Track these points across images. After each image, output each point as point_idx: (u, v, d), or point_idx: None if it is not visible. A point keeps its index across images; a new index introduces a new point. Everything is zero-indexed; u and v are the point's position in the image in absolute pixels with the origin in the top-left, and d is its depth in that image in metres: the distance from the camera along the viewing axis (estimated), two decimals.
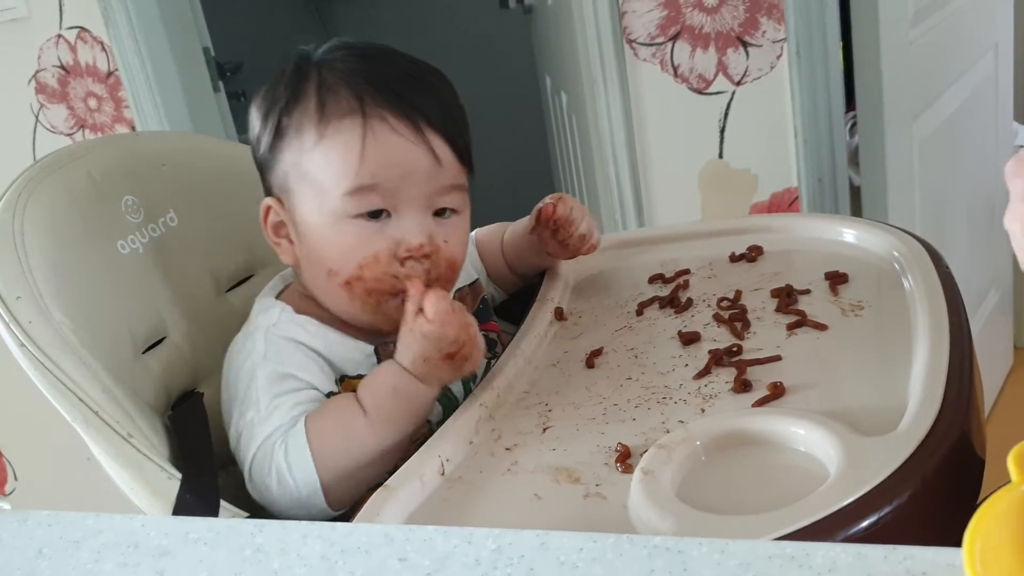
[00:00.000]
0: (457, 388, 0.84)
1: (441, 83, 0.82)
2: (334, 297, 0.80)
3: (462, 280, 0.93)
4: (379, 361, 0.81)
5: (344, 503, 0.74)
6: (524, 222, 0.98)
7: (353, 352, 0.81)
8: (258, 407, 0.75)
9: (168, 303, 0.88)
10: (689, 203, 1.63)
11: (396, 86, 0.78)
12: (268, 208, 0.82)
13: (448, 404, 0.82)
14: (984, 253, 2.12)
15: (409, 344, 0.75)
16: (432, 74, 0.82)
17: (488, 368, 0.88)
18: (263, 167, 0.83)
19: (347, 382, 0.80)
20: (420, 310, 0.74)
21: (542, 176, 2.64)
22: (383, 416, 0.74)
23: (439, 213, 0.80)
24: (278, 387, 0.76)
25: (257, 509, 0.75)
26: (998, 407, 2.13)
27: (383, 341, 0.81)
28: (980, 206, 2.08)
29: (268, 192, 0.83)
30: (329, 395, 0.78)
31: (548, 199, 0.94)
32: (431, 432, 0.74)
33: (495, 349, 0.91)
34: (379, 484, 0.67)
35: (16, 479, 2.23)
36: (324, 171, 0.77)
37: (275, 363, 0.77)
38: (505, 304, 1.03)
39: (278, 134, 0.80)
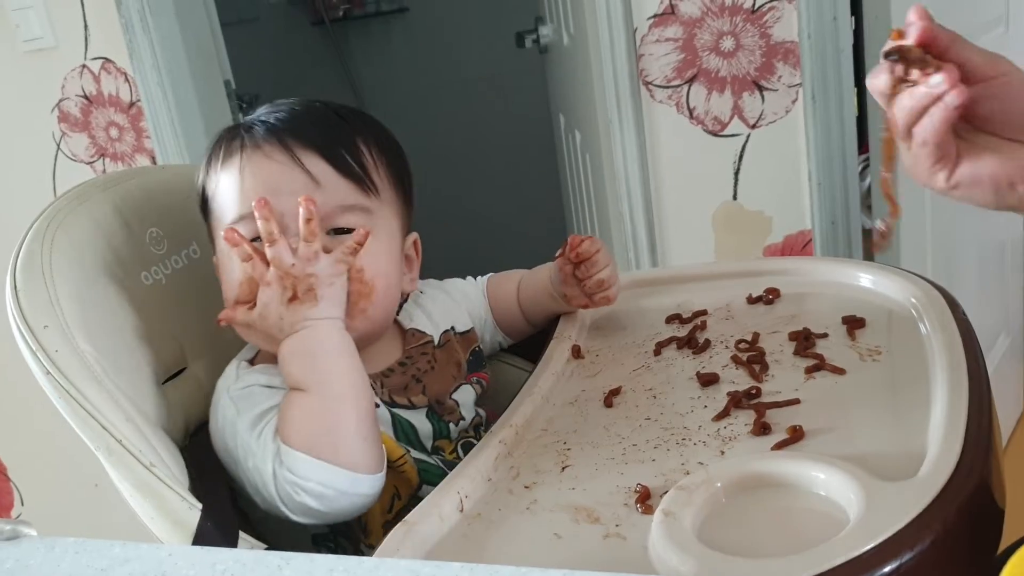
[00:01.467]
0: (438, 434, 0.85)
1: (345, 119, 0.86)
2: (240, 332, 0.83)
3: (457, 325, 0.94)
4: None
5: (370, 464, 0.74)
6: (542, 268, 0.99)
7: None
8: (253, 451, 0.76)
9: (188, 334, 0.89)
10: (703, 244, 1.64)
11: (279, 121, 0.83)
12: (215, 263, 0.86)
13: (429, 470, 0.83)
14: (994, 297, 2.12)
15: (264, 319, 0.77)
16: (339, 112, 0.86)
17: (476, 414, 0.90)
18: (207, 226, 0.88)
19: None
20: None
21: (553, 213, 2.65)
22: (310, 379, 0.75)
23: (339, 232, 0.81)
24: (258, 426, 0.78)
25: (273, 539, 0.75)
26: (1008, 453, 2.12)
27: None
28: (990, 250, 2.08)
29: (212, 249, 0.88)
30: None
31: (579, 235, 0.95)
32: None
33: (484, 391, 0.93)
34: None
35: (23, 504, 2.23)
36: (220, 209, 0.83)
37: (248, 411, 0.79)
38: (521, 341, 1.04)
39: (203, 191, 0.86)
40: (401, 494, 0.81)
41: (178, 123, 1.79)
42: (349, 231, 0.80)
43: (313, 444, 0.73)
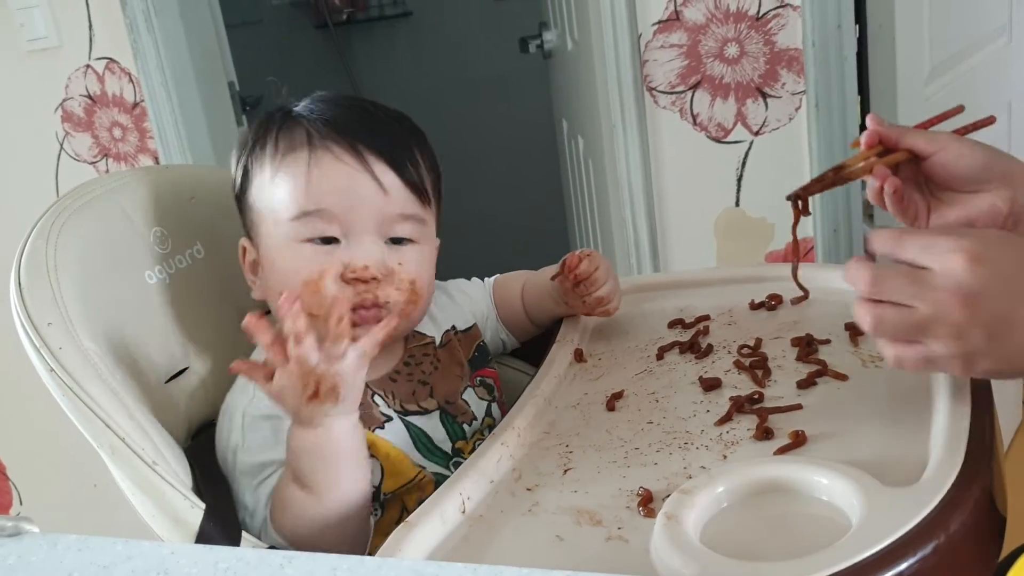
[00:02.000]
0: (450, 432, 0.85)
1: (402, 125, 0.87)
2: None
3: (458, 323, 0.94)
4: (360, 416, 0.78)
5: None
6: (547, 270, 0.99)
7: None
8: (245, 505, 0.78)
9: (192, 334, 0.89)
10: (705, 250, 1.64)
11: (344, 121, 0.83)
12: (244, 248, 0.87)
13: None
14: None
15: (280, 400, 0.72)
16: (394, 118, 0.87)
17: (488, 409, 0.89)
18: (239, 209, 0.87)
19: None
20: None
21: (555, 218, 2.66)
22: (316, 481, 0.72)
23: (396, 242, 0.83)
24: (257, 478, 0.78)
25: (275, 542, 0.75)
26: (1008, 461, 2.11)
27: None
28: None
29: (246, 233, 0.87)
30: None
31: (578, 252, 0.94)
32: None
33: (493, 394, 0.92)
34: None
35: (21, 503, 2.23)
36: (276, 200, 0.82)
37: (251, 454, 0.79)
38: (525, 346, 1.04)
39: (245, 175, 0.85)
40: (409, 509, 0.80)
41: (181, 124, 1.79)
42: (405, 240, 0.83)
43: (302, 542, 0.73)
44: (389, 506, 0.81)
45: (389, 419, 0.83)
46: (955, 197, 0.79)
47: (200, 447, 0.83)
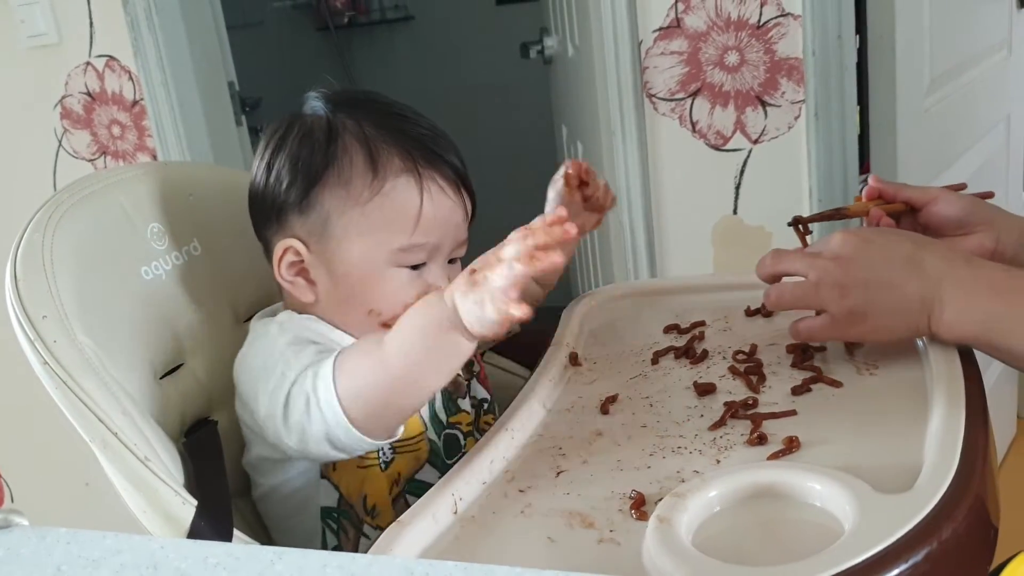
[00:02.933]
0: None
1: (449, 137, 0.88)
2: (366, 331, 0.82)
3: None
4: None
5: (375, 432, 0.74)
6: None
7: None
8: (287, 360, 0.77)
9: (187, 330, 0.89)
10: (702, 257, 1.64)
11: (433, 144, 0.84)
12: (287, 249, 0.84)
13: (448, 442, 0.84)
14: None
15: (466, 300, 0.69)
16: (441, 129, 0.88)
17: (469, 388, 0.91)
18: (284, 209, 0.84)
19: None
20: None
21: None
22: (412, 358, 0.72)
23: (450, 260, 0.86)
24: (300, 346, 0.79)
25: (269, 541, 0.75)
26: (1002, 475, 2.12)
27: None
28: None
29: (277, 234, 0.85)
30: None
31: (559, 172, 0.94)
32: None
33: (472, 368, 0.93)
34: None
35: (12, 501, 2.22)
36: (379, 224, 0.81)
37: (294, 332, 0.81)
38: (518, 348, 1.04)
39: (320, 183, 0.82)
40: (402, 476, 0.82)
41: (180, 123, 1.79)
42: (456, 260, 0.87)
43: (348, 382, 0.73)
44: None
45: None
46: (947, 241, 0.89)
47: (193, 444, 0.82)
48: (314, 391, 0.73)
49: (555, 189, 0.97)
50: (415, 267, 0.83)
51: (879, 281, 0.77)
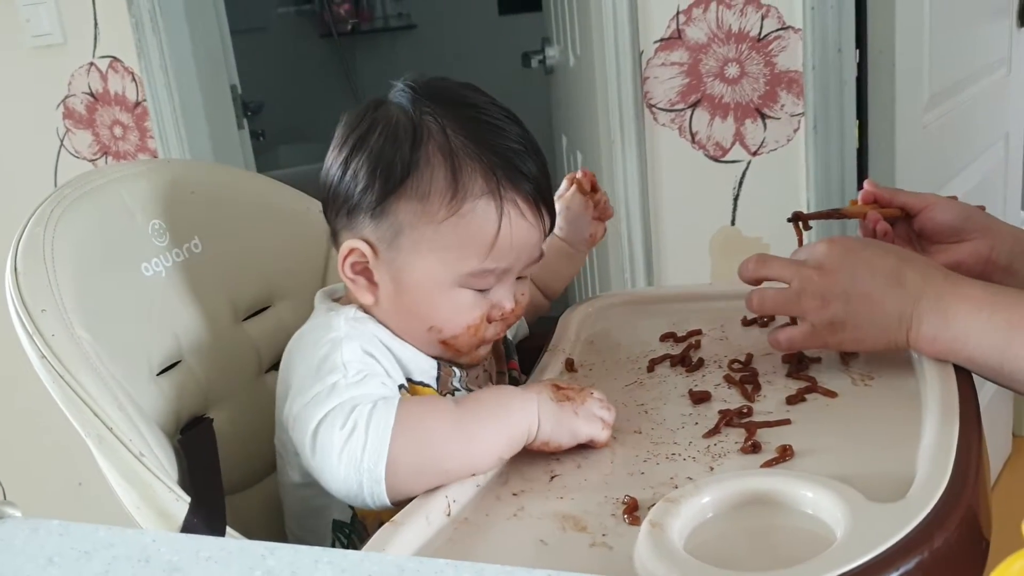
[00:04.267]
0: None
1: (536, 144, 0.84)
2: (423, 343, 0.83)
3: None
4: (439, 376, 0.84)
5: (396, 494, 0.72)
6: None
7: (420, 360, 0.83)
8: (345, 373, 0.75)
9: (185, 327, 0.89)
10: (699, 267, 1.65)
11: (519, 162, 0.81)
12: (354, 250, 0.82)
13: None
14: None
15: (553, 407, 0.75)
16: (530, 136, 0.84)
17: None
18: (357, 210, 0.81)
19: (412, 385, 0.82)
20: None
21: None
22: (473, 419, 0.74)
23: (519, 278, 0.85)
24: (365, 364, 0.77)
25: (267, 539, 0.75)
26: (995, 494, 2.12)
27: (444, 360, 0.85)
28: None
29: (346, 229, 0.83)
30: (400, 387, 0.80)
31: (564, 184, 1.00)
32: None
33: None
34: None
35: (5, 498, 2.22)
36: (452, 244, 0.79)
37: (360, 342, 0.79)
38: (517, 353, 1.04)
39: (396, 193, 0.79)
40: None
41: (182, 125, 1.80)
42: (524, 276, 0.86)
43: (405, 439, 0.71)
44: None
45: (457, 390, 0.85)
46: (941, 248, 0.92)
47: (188, 441, 0.82)
48: (366, 430, 0.71)
49: (562, 201, 0.99)
50: (482, 288, 0.82)
51: (860, 294, 0.78)
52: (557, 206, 0.97)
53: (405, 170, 0.79)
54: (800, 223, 0.95)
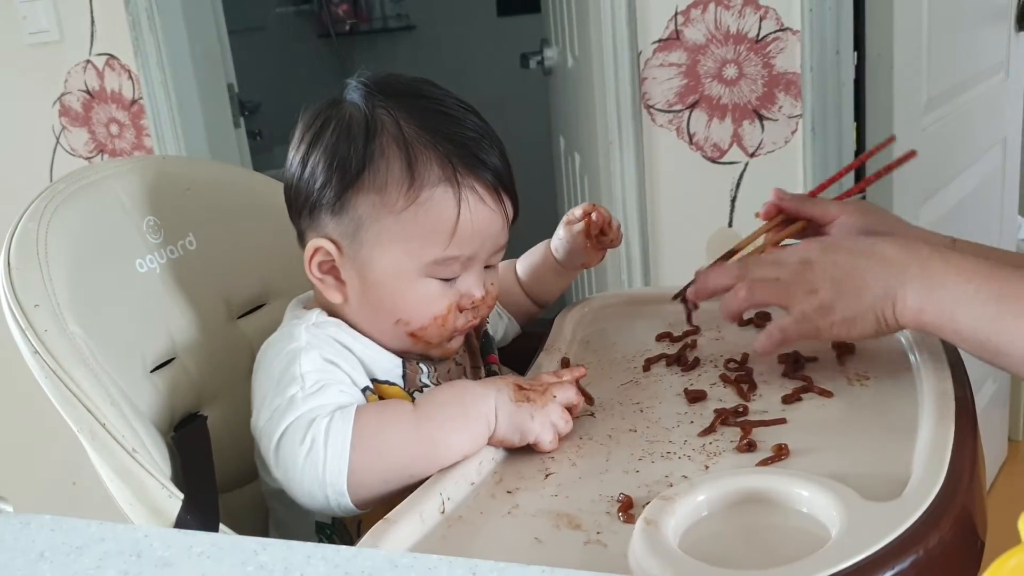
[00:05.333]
0: None
1: (494, 134, 0.84)
2: (392, 337, 0.83)
3: None
4: (404, 374, 0.84)
5: (362, 503, 0.74)
6: (540, 248, 1.03)
7: (384, 360, 0.83)
8: (303, 384, 0.75)
9: (180, 324, 0.89)
10: (696, 267, 1.64)
11: (476, 149, 0.81)
12: (319, 248, 0.82)
13: None
14: None
15: (511, 408, 0.76)
16: (487, 126, 0.84)
17: None
18: (317, 208, 0.82)
19: (377, 385, 0.82)
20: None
21: (550, 232, 2.66)
22: (432, 422, 0.74)
23: (487, 265, 0.85)
24: (323, 373, 0.77)
25: (262, 535, 0.75)
26: (990, 499, 2.12)
27: (409, 356, 0.85)
28: None
29: (310, 229, 0.83)
30: (364, 390, 0.80)
31: (579, 211, 0.98)
32: None
33: None
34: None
35: None
36: (413, 234, 0.79)
37: (319, 350, 0.79)
38: (512, 351, 1.04)
39: (354, 187, 0.79)
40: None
41: (179, 123, 1.79)
42: (492, 266, 0.86)
43: (364, 449, 0.72)
44: None
45: (426, 386, 0.85)
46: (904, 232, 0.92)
47: (182, 438, 0.82)
48: (325, 445, 0.72)
49: (568, 230, 0.98)
50: (448, 278, 0.82)
51: (844, 275, 0.78)
52: (560, 231, 0.98)
53: (360, 163, 0.79)
54: (687, 304, 0.92)
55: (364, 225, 0.80)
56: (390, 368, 0.83)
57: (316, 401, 0.74)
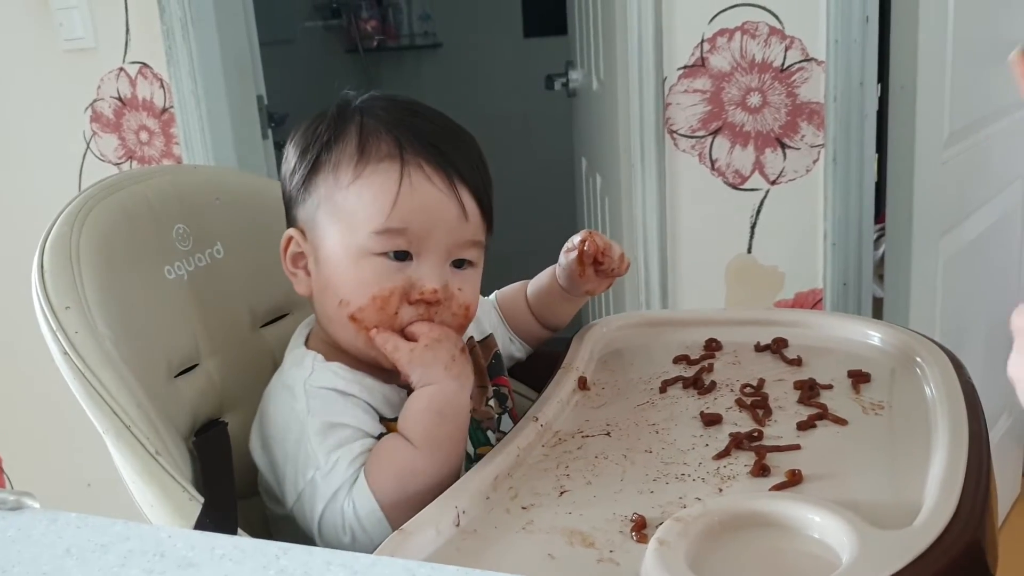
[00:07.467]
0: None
1: (471, 142, 0.87)
2: (340, 328, 0.82)
3: (475, 334, 0.96)
4: None
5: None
6: (547, 273, 1.02)
7: (389, 395, 0.83)
8: (317, 464, 0.77)
9: (204, 332, 0.90)
10: (714, 293, 1.65)
11: (433, 138, 0.82)
12: (290, 239, 0.85)
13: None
14: (999, 377, 2.10)
15: (422, 364, 0.79)
16: (464, 133, 0.87)
17: (499, 422, 0.90)
18: (292, 200, 0.86)
19: (388, 424, 0.82)
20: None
21: None
22: (429, 439, 0.77)
23: (457, 264, 0.84)
24: (331, 439, 0.78)
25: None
26: (1003, 535, 2.10)
27: (379, 368, 0.84)
28: (998, 331, 2.08)
29: (292, 225, 0.86)
30: (379, 437, 0.80)
31: (577, 239, 0.98)
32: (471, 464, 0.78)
33: (505, 404, 0.93)
34: None
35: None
36: (357, 208, 0.80)
37: (321, 415, 0.79)
38: (528, 369, 1.05)
39: (314, 169, 0.83)
40: None
41: (208, 132, 1.82)
42: (466, 263, 0.84)
43: (394, 505, 0.74)
44: None
45: None
46: None
47: (203, 443, 0.83)
48: (357, 520, 0.75)
49: (566, 257, 0.99)
50: (399, 260, 0.80)
51: None
52: (561, 258, 0.98)
53: (320, 147, 0.82)
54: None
55: (320, 205, 0.82)
56: (396, 402, 0.83)
57: (335, 481, 0.76)
